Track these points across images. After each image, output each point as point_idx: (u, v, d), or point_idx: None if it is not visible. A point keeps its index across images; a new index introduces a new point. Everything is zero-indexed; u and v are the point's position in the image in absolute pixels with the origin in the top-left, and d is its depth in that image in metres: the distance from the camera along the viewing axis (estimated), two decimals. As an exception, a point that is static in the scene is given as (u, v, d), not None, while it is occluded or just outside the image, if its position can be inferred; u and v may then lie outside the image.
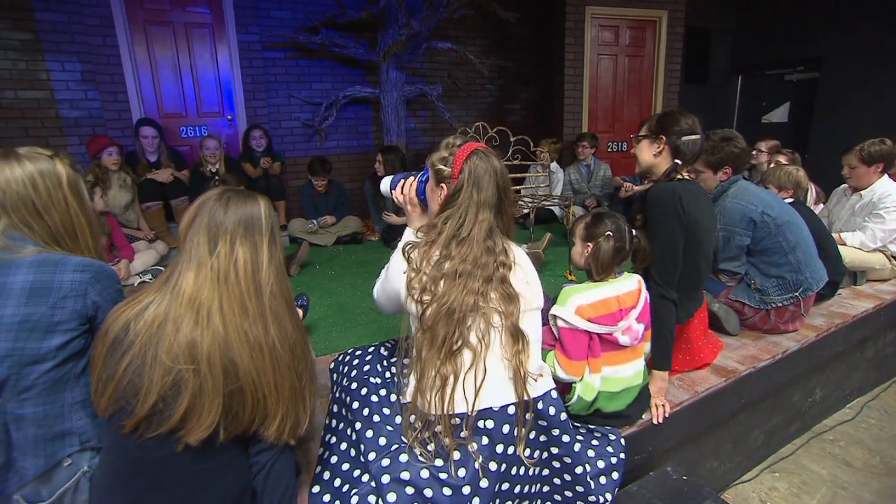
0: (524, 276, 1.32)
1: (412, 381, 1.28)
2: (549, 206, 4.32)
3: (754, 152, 4.03)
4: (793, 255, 2.13)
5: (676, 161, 1.71)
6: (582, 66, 5.51)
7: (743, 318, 2.26)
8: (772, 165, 3.25)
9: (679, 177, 1.72)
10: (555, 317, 1.57)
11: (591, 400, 1.55)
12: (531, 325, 1.32)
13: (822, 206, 3.45)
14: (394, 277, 1.32)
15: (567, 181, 5.01)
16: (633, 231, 1.66)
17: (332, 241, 4.30)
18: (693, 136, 1.70)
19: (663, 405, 1.69)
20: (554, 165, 4.92)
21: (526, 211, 4.10)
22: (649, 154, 1.77)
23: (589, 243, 1.62)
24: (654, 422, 1.67)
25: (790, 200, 2.59)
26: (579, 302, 1.54)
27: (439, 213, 1.31)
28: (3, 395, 1.20)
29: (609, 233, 1.58)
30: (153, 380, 0.99)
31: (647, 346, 1.68)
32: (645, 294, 1.61)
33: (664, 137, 1.71)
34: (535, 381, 1.29)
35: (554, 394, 1.35)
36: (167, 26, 4.50)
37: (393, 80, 4.85)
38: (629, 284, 1.60)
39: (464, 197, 1.27)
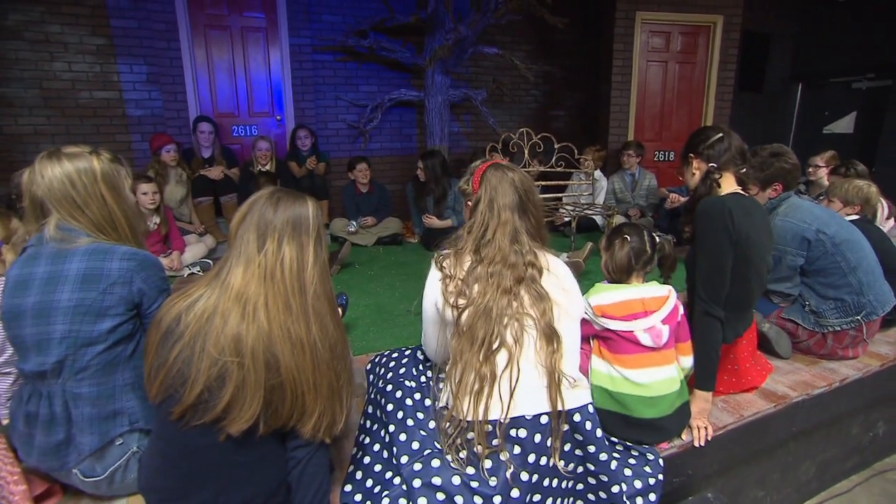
0: (559, 282, 1.32)
1: (448, 386, 1.29)
2: (592, 214, 4.23)
3: (810, 168, 3.83)
4: (853, 276, 2.01)
5: (712, 164, 1.67)
6: (630, 72, 5.39)
7: (795, 341, 2.14)
8: (835, 178, 3.06)
9: (717, 180, 1.67)
10: None
11: (609, 391, 1.53)
12: (568, 330, 1.31)
13: (892, 222, 3.21)
14: (430, 288, 1.36)
15: (610, 190, 4.90)
16: (657, 238, 1.66)
17: (372, 242, 4.37)
18: (714, 137, 1.67)
19: (706, 427, 1.62)
20: (597, 173, 4.82)
21: (567, 219, 4.03)
22: (690, 178, 1.78)
23: (608, 251, 1.65)
24: (696, 444, 1.61)
25: (854, 217, 2.43)
26: (598, 302, 1.56)
27: (466, 224, 1.39)
28: (63, 374, 1.29)
29: (625, 237, 1.61)
30: (200, 370, 1.03)
31: (686, 362, 1.63)
32: (674, 300, 1.57)
33: (692, 155, 1.72)
34: (571, 384, 1.27)
35: (591, 408, 1.32)
36: (225, 30, 4.72)
37: (438, 84, 4.89)
38: (657, 290, 1.59)
39: (483, 205, 1.33)
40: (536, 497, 1.23)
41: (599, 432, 1.32)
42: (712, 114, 5.60)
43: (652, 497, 1.38)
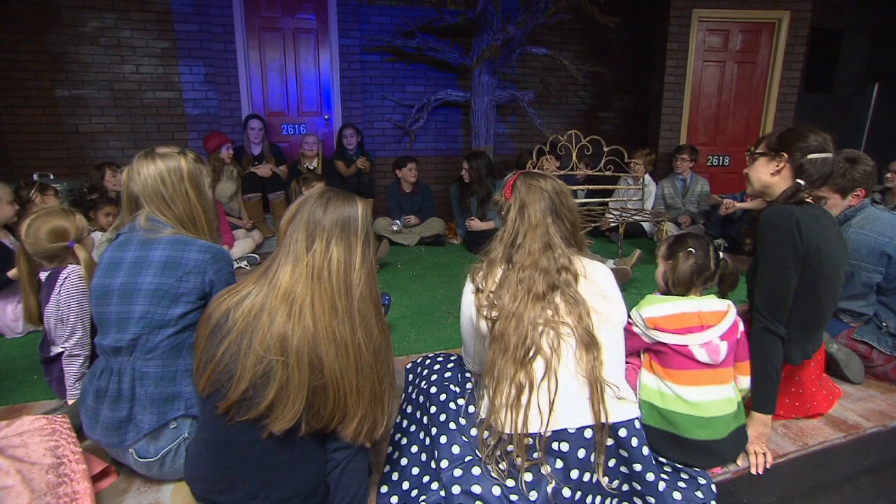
0: (598, 289, 1.28)
1: (486, 396, 1.26)
2: (640, 220, 4.08)
3: (888, 174, 3.54)
4: (940, 296, 1.83)
5: (799, 181, 1.51)
6: (684, 73, 5.16)
7: (868, 365, 1.97)
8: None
9: (803, 199, 1.52)
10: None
11: (658, 408, 1.44)
12: (610, 340, 1.26)
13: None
14: (465, 302, 1.36)
15: (660, 195, 4.71)
16: (722, 254, 1.56)
17: (414, 242, 4.38)
18: (823, 155, 1.50)
19: (764, 454, 1.51)
20: (646, 178, 4.65)
21: (614, 224, 3.91)
22: (765, 173, 1.59)
23: (669, 261, 1.57)
24: (753, 471, 1.50)
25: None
26: (650, 314, 1.49)
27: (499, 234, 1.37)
28: (135, 352, 1.37)
29: (690, 249, 1.53)
30: (246, 367, 1.04)
31: (745, 382, 1.53)
32: (733, 316, 1.48)
33: (786, 155, 1.53)
34: (615, 393, 1.22)
35: (638, 423, 1.26)
36: (278, 32, 4.86)
37: (485, 85, 4.85)
38: (715, 304, 1.50)
39: (513, 210, 1.32)
40: None
41: (646, 450, 1.25)
42: (773, 117, 5.30)
43: (703, 525, 1.30)
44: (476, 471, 1.21)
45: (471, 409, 1.38)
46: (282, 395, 1.04)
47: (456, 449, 1.28)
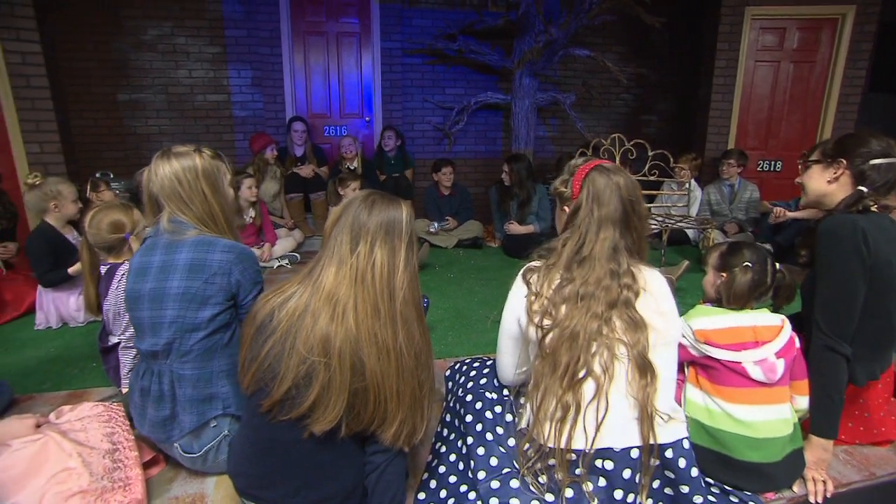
0: (656, 305, 1.20)
1: (529, 408, 1.22)
2: (685, 227, 3.94)
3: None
4: None
5: (861, 188, 1.42)
6: (734, 74, 4.95)
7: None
8: None
9: (868, 207, 1.42)
10: None
11: (705, 426, 1.38)
12: (664, 359, 1.19)
13: None
14: (513, 303, 1.26)
15: (705, 201, 4.54)
16: (778, 265, 1.48)
17: (452, 244, 4.39)
18: (888, 160, 1.40)
19: (824, 481, 1.42)
20: (692, 183, 4.49)
21: (657, 230, 3.79)
22: (820, 181, 1.50)
23: (723, 273, 1.49)
24: (811, 500, 1.40)
25: None
26: (701, 326, 1.42)
27: (561, 234, 1.27)
28: (171, 356, 1.40)
29: (748, 263, 1.44)
30: (289, 367, 1.06)
31: (801, 402, 1.44)
32: (789, 331, 1.41)
33: (844, 161, 1.44)
34: (665, 421, 1.16)
35: (686, 444, 1.20)
36: (322, 36, 4.97)
37: (526, 87, 4.81)
38: (770, 319, 1.43)
39: (583, 214, 1.21)
40: None
41: (695, 471, 1.20)
42: (832, 118, 5.01)
43: (754, 552, 1.24)
44: (514, 483, 1.19)
45: (508, 417, 1.35)
46: (323, 396, 1.05)
47: (494, 461, 1.26)
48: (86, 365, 2.25)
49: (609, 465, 1.13)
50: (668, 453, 1.16)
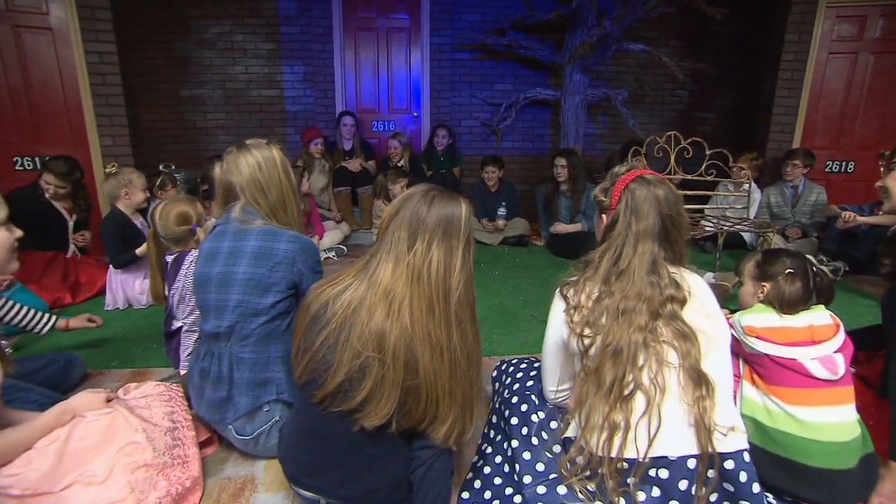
0: (703, 308, 1.16)
1: (576, 420, 1.19)
2: (743, 230, 3.75)
3: None
4: None
5: None
6: (803, 67, 4.63)
7: None
8: None
9: None
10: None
11: (764, 427, 1.32)
12: (717, 366, 1.13)
13: None
14: (554, 321, 1.25)
15: (764, 203, 4.29)
16: (816, 267, 1.42)
17: (497, 241, 4.36)
18: None
19: None
20: (751, 185, 4.25)
21: (711, 232, 3.63)
22: None
23: (763, 283, 1.44)
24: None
25: None
26: (752, 322, 1.37)
27: (600, 244, 1.25)
28: (232, 338, 1.46)
29: (790, 270, 1.39)
30: (343, 360, 1.07)
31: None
32: (843, 332, 1.35)
33: None
34: (725, 435, 1.10)
35: (747, 456, 1.14)
36: (372, 32, 5.04)
37: (576, 83, 4.70)
38: (825, 318, 1.37)
39: (620, 227, 1.18)
40: None
41: (756, 487, 1.13)
42: (918, 116, 4.61)
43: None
44: (562, 490, 1.16)
45: (552, 424, 1.32)
46: (376, 392, 1.06)
47: (540, 466, 1.24)
48: (148, 346, 2.39)
49: (664, 473, 1.09)
50: (728, 464, 1.11)
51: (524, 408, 1.39)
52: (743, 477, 1.11)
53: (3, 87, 3.75)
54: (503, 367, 1.61)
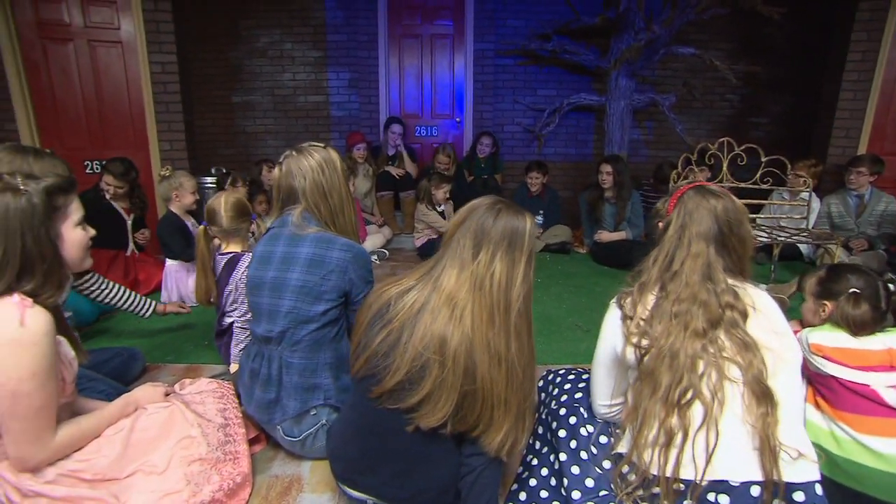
0: (770, 324, 1.10)
1: (628, 432, 1.16)
2: (801, 241, 3.55)
3: None
4: None
5: None
6: (872, 68, 4.35)
7: None
8: None
9: None
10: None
11: (833, 455, 1.24)
12: (787, 387, 1.07)
13: None
14: (609, 330, 1.23)
15: (824, 213, 4.05)
16: (890, 286, 1.33)
17: (539, 248, 4.31)
18: None
19: None
20: (808, 193, 4.03)
21: (765, 242, 3.46)
22: None
23: (825, 302, 1.37)
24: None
25: None
26: (821, 341, 1.30)
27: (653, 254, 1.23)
28: (283, 343, 1.48)
29: (855, 290, 1.31)
30: (403, 359, 1.08)
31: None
32: None
33: None
34: (794, 458, 1.04)
35: (819, 489, 1.06)
36: (416, 38, 5.11)
37: (622, 88, 4.61)
38: None
39: (672, 230, 1.17)
40: None
41: (829, 522, 1.06)
42: None
43: None
44: None
45: (602, 439, 1.29)
46: (434, 394, 1.07)
47: (589, 482, 1.21)
48: (199, 342, 2.49)
49: (724, 500, 1.03)
50: (798, 496, 1.03)
51: (572, 420, 1.35)
52: (814, 510, 1.05)
53: (78, 97, 4.06)
54: (549, 377, 1.58)
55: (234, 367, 2.03)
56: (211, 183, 4.01)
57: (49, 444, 1.14)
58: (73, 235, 1.22)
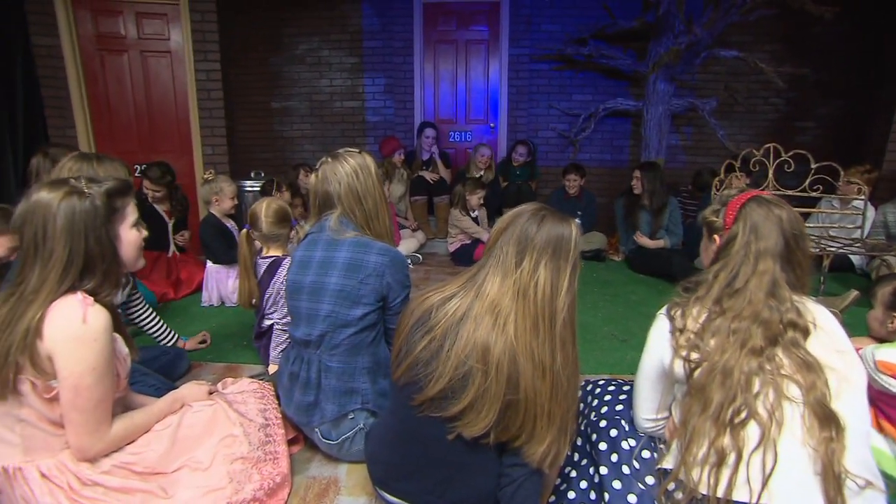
0: (832, 343, 1.04)
1: (675, 448, 1.12)
2: (854, 252, 3.37)
3: None
4: None
5: None
6: (931, 71, 4.14)
7: None
8: None
9: None
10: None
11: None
12: (852, 409, 1.00)
13: None
14: (655, 342, 1.18)
15: (880, 223, 3.84)
16: None
17: (576, 254, 4.25)
18: None
19: None
20: (861, 201, 3.83)
21: (816, 254, 3.31)
22: None
23: (895, 313, 1.30)
24: None
25: None
26: (889, 358, 1.23)
27: (710, 266, 1.17)
28: (321, 347, 1.50)
29: None
30: (446, 367, 1.08)
31: None
32: None
33: None
34: (861, 487, 0.98)
35: None
36: (451, 44, 5.14)
37: (660, 93, 4.51)
38: None
39: (738, 246, 1.11)
40: None
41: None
42: None
43: None
44: None
45: (645, 453, 1.25)
46: (477, 403, 1.06)
47: (632, 497, 1.18)
48: (238, 342, 2.55)
49: (781, 526, 0.98)
50: None
51: (613, 433, 1.32)
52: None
53: (130, 104, 4.30)
54: (588, 388, 1.55)
55: (272, 368, 2.07)
56: (250, 187, 4.13)
57: (105, 436, 1.19)
58: (130, 236, 1.28)
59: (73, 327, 1.09)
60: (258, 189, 3.88)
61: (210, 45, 4.17)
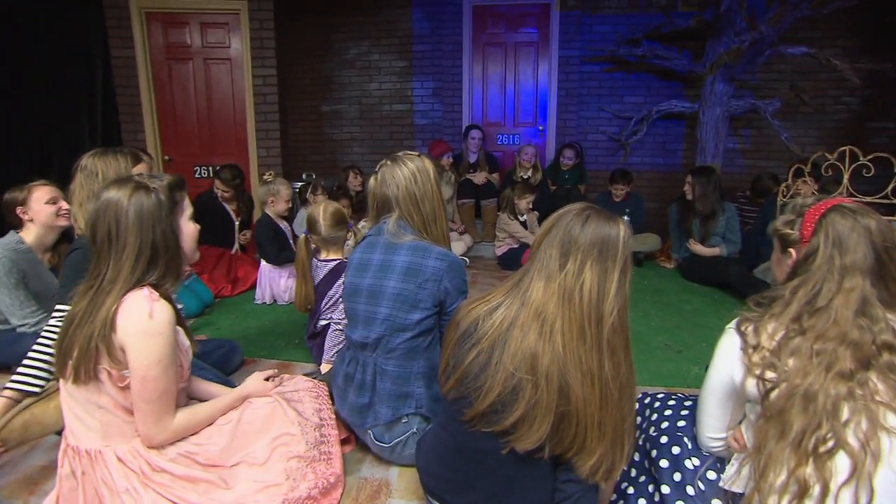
0: None
1: (750, 471, 1.05)
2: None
3: None
4: None
5: None
6: None
7: None
8: None
9: None
10: None
11: None
12: None
13: None
14: (723, 358, 1.10)
15: (969, 233, 3.51)
16: None
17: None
18: None
19: None
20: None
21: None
22: None
23: None
24: None
25: None
26: None
27: (785, 281, 1.08)
28: (378, 350, 1.51)
29: None
30: (496, 380, 1.05)
31: None
32: None
33: None
34: None
35: None
36: (500, 47, 5.11)
37: (718, 94, 4.31)
38: None
39: (820, 261, 1.01)
40: None
41: None
42: None
43: None
44: None
45: (710, 475, 1.19)
46: (528, 415, 1.03)
47: None
48: (289, 340, 2.62)
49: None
50: None
51: (675, 450, 1.26)
52: None
53: (193, 110, 4.55)
54: (646, 401, 1.49)
55: (324, 368, 2.10)
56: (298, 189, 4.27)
57: (169, 425, 1.24)
58: (189, 228, 1.33)
59: (142, 322, 1.15)
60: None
61: (267, 52, 4.34)
